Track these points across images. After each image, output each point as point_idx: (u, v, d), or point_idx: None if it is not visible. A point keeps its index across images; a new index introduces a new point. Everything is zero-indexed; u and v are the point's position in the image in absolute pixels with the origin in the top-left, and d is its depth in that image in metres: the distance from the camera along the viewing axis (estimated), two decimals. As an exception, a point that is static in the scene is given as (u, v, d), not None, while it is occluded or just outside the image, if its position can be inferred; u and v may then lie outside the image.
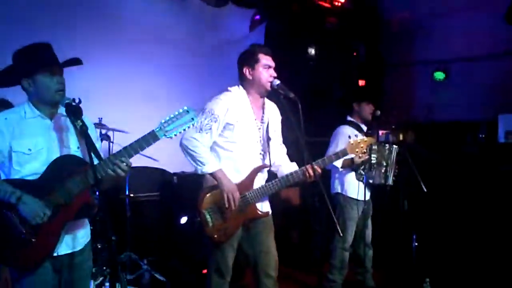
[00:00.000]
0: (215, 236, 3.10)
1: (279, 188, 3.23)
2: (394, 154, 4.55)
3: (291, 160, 3.46)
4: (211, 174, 3.08)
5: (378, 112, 4.60)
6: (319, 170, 3.19)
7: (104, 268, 4.24)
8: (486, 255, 4.94)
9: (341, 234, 3.25)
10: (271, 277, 3.30)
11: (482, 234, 5.10)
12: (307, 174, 3.14)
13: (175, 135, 2.46)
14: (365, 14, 7.58)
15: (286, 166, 3.37)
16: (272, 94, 3.30)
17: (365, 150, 3.45)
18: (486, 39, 6.87)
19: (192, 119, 2.47)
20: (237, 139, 3.18)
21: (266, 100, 3.39)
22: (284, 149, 3.51)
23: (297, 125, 3.05)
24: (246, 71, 3.22)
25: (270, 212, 3.37)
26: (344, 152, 3.41)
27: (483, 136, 7.14)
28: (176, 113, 2.46)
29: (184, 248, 5.16)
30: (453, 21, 7.18)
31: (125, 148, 2.40)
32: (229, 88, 3.28)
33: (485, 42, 6.90)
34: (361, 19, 7.48)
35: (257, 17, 6.88)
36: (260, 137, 3.28)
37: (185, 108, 2.48)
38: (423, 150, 5.38)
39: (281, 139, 3.49)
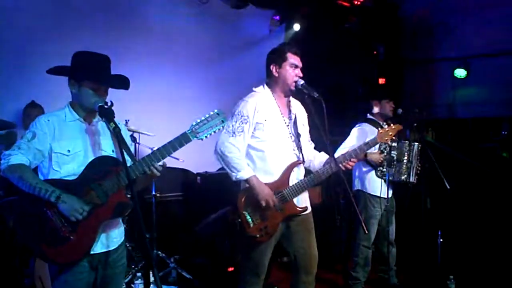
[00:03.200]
0: (258, 235, 3.12)
1: (314, 183, 3.24)
2: (415, 151, 4.56)
3: None
4: (245, 180, 3.12)
5: (400, 110, 4.62)
6: (351, 164, 3.24)
7: (133, 266, 4.37)
8: (510, 252, 4.91)
9: (366, 232, 3.29)
10: (310, 275, 3.34)
11: (506, 231, 5.08)
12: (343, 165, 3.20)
13: (206, 137, 2.55)
14: (385, 12, 7.56)
15: (317, 158, 3.39)
16: (297, 94, 3.34)
17: (394, 137, 3.49)
18: (507, 36, 6.83)
19: (222, 121, 2.57)
20: (268, 137, 3.21)
21: (291, 98, 3.43)
22: (312, 145, 3.54)
23: (322, 125, 3.09)
24: (273, 68, 3.27)
25: (310, 209, 3.38)
26: (374, 142, 3.46)
27: (506, 132, 7.10)
28: (207, 115, 2.56)
29: (209, 247, 5.24)
30: (474, 18, 7.15)
31: (159, 149, 2.50)
32: (254, 89, 3.33)
33: (506, 39, 6.85)
34: (381, 18, 7.48)
35: (277, 17, 6.93)
36: (290, 133, 3.31)
37: (215, 111, 2.58)
38: (444, 148, 5.36)
39: (309, 135, 3.52)
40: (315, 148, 3.56)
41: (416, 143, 4.58)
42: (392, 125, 3.57)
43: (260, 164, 3.22)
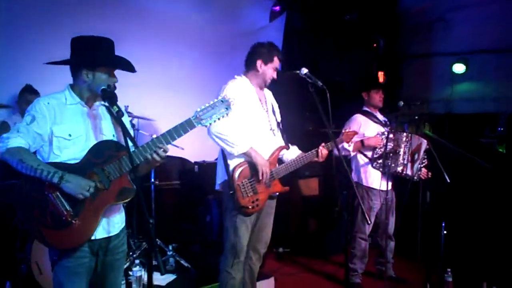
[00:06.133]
0: (250, 206, 3.32)
1: (296, 167, 3.49)
2: (415, 144, 4.53)
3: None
4: (245, 153, 3.29)
5: (401, 103, 4.59)
6: (326, 152, 3.52)
7: (131, 253, 4.34)
8: (506, 246, 4.92)
9: (370, 222, 3.33)
10: (257, 252, 3.59)
11: (502, 227, 5.09)
12: (320, 154, 3.50)
13: (210, 123, 2.54)
14: (385, 5, 7.53)
15: (290, 152, 3.61)
16: (300, 83, 3.37)
17: (352, 142, 4.07)
18: (506, 32, 6.82)
19: (227, 108, 2.56)
20: (249, 120, 3.38)
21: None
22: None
23: (325, 114, 3.10)
24: (258, 63, 3.46)
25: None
26: (341, 140, 3.80)
27: (502, 129, 7.11)
28: (211, 102, 2.54)
29: (205, 235, 5.24)
30: (474, 13, 7.13)
31: (163, 134, 2.45)
32: (235, 76, 3.51)
33: (505, 35, 6.85)
34: (381, 11, 7.44)
35: (277, 8, 6.89)
36: (268, 117, 3.52)
37: (220, 98, 2.56)
38: (445, 142, 5.35)
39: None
40: (317, 136, 3.65)
41: (424, 140, 4.54)
42: (353, 130, 3.99)
43: None
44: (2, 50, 4.64)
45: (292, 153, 3.59)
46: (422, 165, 4.54)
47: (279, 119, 3.66)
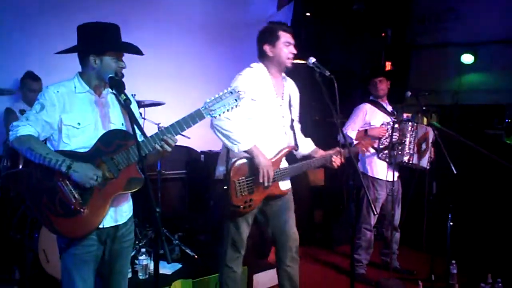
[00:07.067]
0: (241, 206, 3.11)
1: (302, 171, 3.32)
2: (421, 133, 4.51)
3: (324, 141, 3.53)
4: (246, 151, 3.09)
5: (409, 93, 4.54)
6: (339, 162, 3.37)
7: (137, 242, 4.36)
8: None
9: (376, 212, 3.30)
10: (290, 251, 3.36)
11: (508, 219, 5.07)
12: (333, 163, 3.35)
13: (219, 114, 2.51)
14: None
15: (303, 145, 3.44)
16: (307, 72, 3.32)
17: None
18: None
19: (236, 100, 2.52)
20: (260, 115, 3.19)
21: (286, 77, 3.42)
22: (299, 126, 3.51)
23: (333, 103, 3.04)
24: (266, 48, 3.23)
25: (290, 189, 3.41)
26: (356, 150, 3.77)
27: (510, 120, 7.06)
28: (221, 93, 2.51)
29: (210, 224, 5.26)
30: (483, 3, 7.08)
31: (172, 125, 2.45)
32: (251, 65, 3.29)
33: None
34: (390, 0, 7.38)
35: (285, -4, 6.85)
36: (283, 115, 3.31)
37: (229, 89, 2.53)
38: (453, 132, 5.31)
39: (297, 116, 3.50)
40: (324, 128, 3.57)
41: (431, 129, 4.51)
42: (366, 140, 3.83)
43: None
44: (7, 36, 4.63)
45: (307, 147, 3.44)
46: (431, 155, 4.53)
47: (295, 115, 3.43)
